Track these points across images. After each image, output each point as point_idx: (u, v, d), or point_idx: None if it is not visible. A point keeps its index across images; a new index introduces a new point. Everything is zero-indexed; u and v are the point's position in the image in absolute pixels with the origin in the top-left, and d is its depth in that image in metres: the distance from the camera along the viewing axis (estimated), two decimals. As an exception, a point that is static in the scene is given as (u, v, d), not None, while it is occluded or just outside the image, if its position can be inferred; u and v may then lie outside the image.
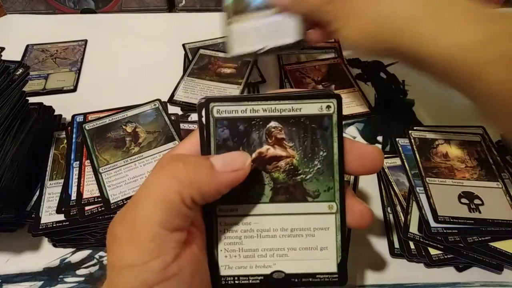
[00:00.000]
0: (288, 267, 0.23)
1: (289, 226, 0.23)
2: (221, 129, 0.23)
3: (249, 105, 0.23)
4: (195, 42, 0.57)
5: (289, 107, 0.23)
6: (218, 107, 0.23)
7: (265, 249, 0.23)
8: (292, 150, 0.23)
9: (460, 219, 0.35)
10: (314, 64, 0.53)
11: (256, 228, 0.23)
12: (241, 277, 0.23)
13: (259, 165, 0.23)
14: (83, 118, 0.43)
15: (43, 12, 0.63)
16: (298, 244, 0.23)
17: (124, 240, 0.19)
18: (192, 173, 0.20)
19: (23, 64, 0.39)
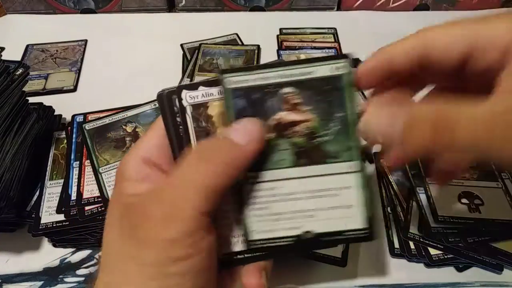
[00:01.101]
0: (316, 227, 0.23)
1: (313, 187, 0.23)
2: (238, 99, 0.23)
3: (260, 74, 0.23)
4: (193, 42, 0.57)
5: (300, 71, 0.23)
6: (232, 78, 0.23)
7: (292, 212, 0.23)
8: (308, 113, 0.23)
9: (460, 219, 0.35)
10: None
11: (281, 192, 0.23)
12: (271, 240, 0.23)
13: (278, 131, 0.23)
14: (83, 118, 0.43)
15: (43, 12, 0.63)
16: (323, 204, 0.23)
17: (160, 218, 0.20)
18: (227, 158, 0.21)
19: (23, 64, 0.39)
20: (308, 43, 0.57)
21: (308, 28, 0.60)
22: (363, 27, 0.61)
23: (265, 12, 0.64)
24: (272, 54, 0.56)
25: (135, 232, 0.20)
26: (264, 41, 0.57)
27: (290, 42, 0.58)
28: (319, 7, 0.64)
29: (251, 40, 0.58)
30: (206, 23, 0.62)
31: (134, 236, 0.20)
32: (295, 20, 0.62)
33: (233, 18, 0.63)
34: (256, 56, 0.54)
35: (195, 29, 0.60)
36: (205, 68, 0.52)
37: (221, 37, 0.58)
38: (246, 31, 0.59)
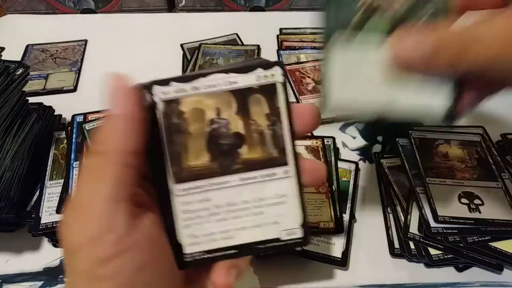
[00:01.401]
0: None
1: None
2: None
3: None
4: (193, 42, 0.57)
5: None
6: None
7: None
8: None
9: (460, 219, 0.35)
10: (314, 64, 0.53)
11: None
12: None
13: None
14: (83, 118, 0.43)
15: (43, 12, 0.63)
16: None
17: (73, 222, 0.19)
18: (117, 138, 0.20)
19: (23, 64, 0.39)
20: (308, 43, 0.57)
21: (308, 28, 0.60)
22: (363, 27, 0.61)
23: (265, 12, 0.64)
24: (272, 54, 0.56)
25: (63, 245, 0.20)
26: (264, 41, 0.57)
27: (290, 42, 0.58)
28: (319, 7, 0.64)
29: (251, 40, 0.58)
30: (206, 23, 0.62)
31: (64, 248, 0.20)
32: (295, 20, 0.62)
33: (233, 18, 0.63)
34: (256, 56, 0.54)
35: (195, 29, 0.60)
36: (205, 68, 0.52)
37: (221, 37, 0.58)
38: (246, 31, 0.59)
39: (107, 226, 0.19)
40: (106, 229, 0.19)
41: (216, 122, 0.23)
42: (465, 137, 0.42)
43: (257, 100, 0.23)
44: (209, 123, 0.23)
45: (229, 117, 0.23)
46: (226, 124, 0.23)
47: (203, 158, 0.23)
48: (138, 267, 0.19)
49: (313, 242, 0.36)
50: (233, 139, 0.23)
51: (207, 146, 0.23)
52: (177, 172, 0.23)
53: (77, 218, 0.19)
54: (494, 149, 0.41)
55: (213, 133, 0.23)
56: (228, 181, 0.23)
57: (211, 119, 0.23)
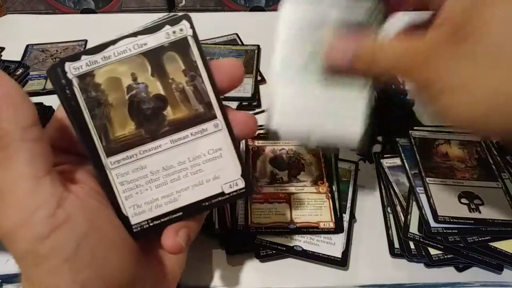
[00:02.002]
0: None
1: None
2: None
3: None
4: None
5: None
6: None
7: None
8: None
9: (460, 219, 0.35)
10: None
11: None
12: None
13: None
14: (83, 118, 0.43)
15: (43, 12, 0.63)
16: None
17: (1, 208, 0.19)
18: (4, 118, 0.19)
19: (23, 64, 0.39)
20: (308, 43, 0.57)
21: (308, 28, 0.60)
22: (363, 27, 0.61)
23: (265, 12, 0.64)
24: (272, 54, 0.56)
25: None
26: (264, 41, 0.57)
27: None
28: (319, 7, 0.64)
29: (251, 40, 0.58)
30: (206, 23, 0.61)
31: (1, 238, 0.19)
32: (295, 20, 0.62)
33: (233, 18, 0.63)
34: (256, 56, 0.54)
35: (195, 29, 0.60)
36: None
37: (221, 37, 0.58)
38: (246, 31, 0.59)
39: (34, 203, 0.18)
40: (34, 207, 0.18)
41: (134, 88, 0.23)
42: (465, 137, 0.42)
43: (171, 57, 0.23)
44: (127, 90, 0.23)
45: (146, 81, 0.23)
46: (144, 88, 0.23)
47: (128, 127, 0.23)
48: (79, 238, 0.19)
49: (313, 242, 0.36)
50: (155, 102, 0.23)
51: (130, 114, 0.23)
52: (106, 145, 0.22)
53: (2, 204, 0.18)
54: (494, 149, 0.41)
55: (133, 99, 0.23)
56: (159, 145, 0.23)
57: (128, 85, 0.23)
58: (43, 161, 0.19)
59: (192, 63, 0.23)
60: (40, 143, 0.19)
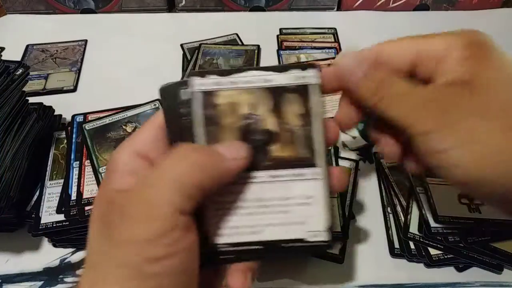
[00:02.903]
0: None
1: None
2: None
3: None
4: (193, 42, 0.58)
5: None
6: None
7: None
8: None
9: (460, 219, 0.35)
10: (314, 64, 0.53)
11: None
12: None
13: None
14: (83, 118, 0.43)
15: (43, 12, 0.63)
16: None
17: (137, 217, 0.19)
18: (207, 161, 0.21)
19: (23, 64, 0.39)
20: (308, 43, 0.57)
21: (308, 28, 0.60)
22: (363, 27, 0.61)
23: (265, 12, 0.64)
24: (272, 54, 0.56)
25: (112, 232, 0.20)
26: (264, 41, 0.57)
27: (290, 42, 0.58)
28: (319, 7, 0.64)
29: (251, 40, 0.58)
30: (206, 23, 0.62)
31: (112, 236, 0.20)
32: (295, 20, 0.62)
33: (233, 18, 0.63)
34: (256, 56, 0.54)
35: (195, 29, 0.60)
36: (205, 68, 0.52)
37: (221, 37, 0.58)
38: (246, 31, 0.59)
39: (167, 229, 0.19)
40: (165, 232, 0.19)
41: (250, 118, 0.23)
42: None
43: (290, 99, 0.23)
44: (242, 117, 0.23)
45: (262, 114, 0.23)
46: (259, 120, 0.23)
47: None
48: (179, 271, 0.20)
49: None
50: (265, 136, 0.23)
51: (240, 140, 0.23)
52: None
53: (144, 214, 0.19)
54: (494, 149, 0.41)
55: (245, 127, 0.23)
56: (257, 177, 0.23)
57: (245, 114, 0.23)
58: (192, 205, 0.20)
59: (309, 110, 0.23)
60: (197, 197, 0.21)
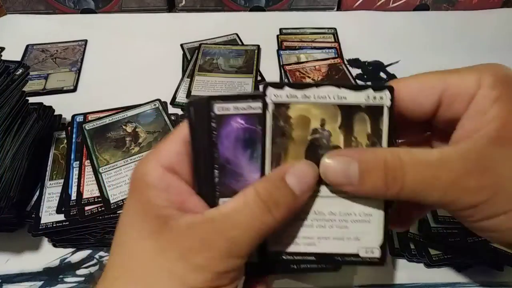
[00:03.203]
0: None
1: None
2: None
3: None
4: (193, 42, 0.57)
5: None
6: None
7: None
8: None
9: (460, 219, 0.35)
10: (314, 64, 0.53)
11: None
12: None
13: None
14: (83, 118, 0.43)
15: (43, 12, 0.63)
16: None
17: (222, 251, 0.20)
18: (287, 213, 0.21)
19: (23, 64, 0.39)
20: (308, 43, 0.57)
21: (308, 28, 0.60)
22: (363, 27, 0.61)
23: (265, 12, 0.64)
24: (272, 54, 0.56)
25: (186, 255, 0.20)
26: (264, 41, 0.57)
27: (290, 42, 0.58)
28: (319, 7, 0.64)
29: (251, 40, 0.58)
30: (206, 23, 0.62)
31: (185, 257, 0.20)
32: (295, 20, 0.62)
33: (233, 18, 0.63)
34: (256, 56, 0.54)
35: (195, 29, 0.60)
36: (205, 68, 0.52)
37: (221, 37, 0.58)
38: (246, 31, 0.59)
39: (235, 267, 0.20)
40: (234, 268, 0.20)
41: (319, 132, 0.23)
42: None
43: (362, 118, 0.23)
44: (312, 132, 0.23)
45: (332, 130, 0.23)
46: (328, 136, 0.23)
47: None
48: None
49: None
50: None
51: (306, 154, 0.23)
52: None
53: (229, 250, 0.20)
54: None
55: (314, 142, 0.23)
56: (320, 190, 0.23)
57: (314, 128, 0.23)
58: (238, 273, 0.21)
59: (379, 131, 0.23)
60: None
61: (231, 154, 0.24)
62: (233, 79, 0.51)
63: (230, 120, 0.23)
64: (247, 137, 0.23)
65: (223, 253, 0.20)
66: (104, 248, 0.37)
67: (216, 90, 0.49)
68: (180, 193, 0.22)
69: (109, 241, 0.36)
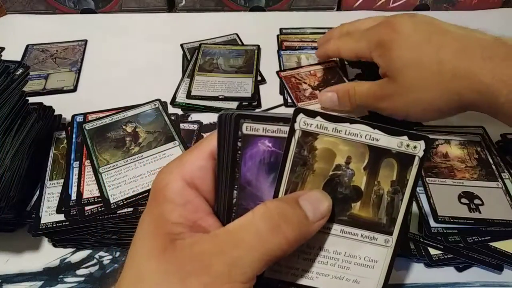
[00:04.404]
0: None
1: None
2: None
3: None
4: (193, 42, 0.57)
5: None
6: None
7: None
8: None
9: (460, 219, 0.35)
10: (310, 69, 0.53)
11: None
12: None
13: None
14: (83, 118, 0.43)
15: (43, 12, 0.63)
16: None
17: (222, 275, 0.19)
18: (298, 235, 0.20)
19: (23, 64, 0.39)
20: (309, 43, 0.57)
21: (308, 28, 0.60)
22: (363, 27, 0.61)
23: (265, 12, 0.64)
24: (272, 54, 0.56)
25: (187, 280, 0.19)
26: (264, 41, 0.57)
27: (290, 42, 0.58)
28: (319, 7, 0.64)
29: (251, 40, 0.58)
30: (206, 23, 0.62)
31: (184, 282, 0.19)
32: (295, 20, 0.62)
33: (233, 18, 0.63)
34: (256, 56, 0.54)
35: (195, 29, 0.60)
36: (205, 68, 0.52)
37: (221, 37, 0.58)
38: (246, 31, 0.59)
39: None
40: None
41: (342, 169, 0.23)
42: (465, 137, 0.42)
43: (389, 164, 0.23)
44: (334, 168, 0.23)
45: (356, 170, 0.23)
46: (350, 175, 0.23)
47: None
48: None
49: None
50: (351, 192, 0.23)
51: (324, 188, 0.23)
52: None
53: (229, 274, 0.19)
54: (494, 149, 0.41)
55: (334, 178, 0.23)
56: (329, 228, 0.23)
57: (338, 164, 0.23)
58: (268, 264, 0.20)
59: (404, 180, 0.23)
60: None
61: (253, 176, 0.23)
62: (233, 79, 0.51)
63: (258, 141, 0.22)
64: (273, 161, 0.23)
65: (224, 277, 0.19)
66: (104, 248, 0.37)
67: (216, 90, 0.49)
68: (197, 210, 0.22)
69: (109, 241, 0.36)
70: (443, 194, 0.37)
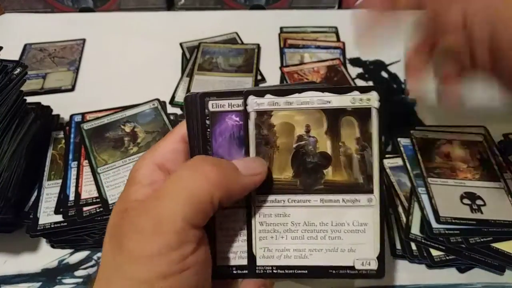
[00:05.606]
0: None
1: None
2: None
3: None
4: (192, 40, 0.57)
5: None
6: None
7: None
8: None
9: (462, 220, 0.35)
10: (313, 66, 0.52)
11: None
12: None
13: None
14: (81, 118, 0.43)
15: (41, 11, 0.63)
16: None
17: (147, 230, 0.19)
18: (222, 175, 0.20)
19: (21, 63, 0.39)
20: (312, 41, 0.57)
21: (309, 27, 0.60)
22: (364, 25, 0.60)
23: (265, 10, 0.64)
24: (272, 53, 0.55)
25: (123, 244, 0.20)
26: (264, 39, 0.57)
27: (294, 40, 0.57)
28: (319, 5, 0.64)
29: (251, 39, 0.57)
30: (205, 21, 0.61)
31: (123, 248, 0.20)
32: (295, 18, 0.62)
33: (233, 17, 0.62)
34: (256, 55, 0.54)
35: (195, 27, 0.60)
36: (205, 67, 0.52)
37: (220, 36, 0.58)
38: (245, 29, 0.59)
39: (178, 245, 0.19)
40: (176, 247, 0.19)
41: (304, 139, 0.23)
42: (467, 137, 0.41)
43: (349, 122, 0.23)
44: (297, 139, 0.23)
45: (318, 136, 0.23)
46: (314, 142, 0.23)
47: (285, 173, 0.23)
48: (192, 285, 0.20)
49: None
50: (319, 159, 0.23)
51: (292, 162, 0.23)
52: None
53: (154, 229, 0.19)
54: (497, 149, 0.41)
55: (299, 149, 0.23)
56: (309, 200, 0.23)
57: (299, 135, 0.23)
58: (204, 219, 0.20)
59: (368, 134, 0.23)
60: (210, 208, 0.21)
61: (225, 152, 0.23)
62: (233, 78, 0.50)
63: (225, 117, 0.23)
64: (242, 134, 0.23)
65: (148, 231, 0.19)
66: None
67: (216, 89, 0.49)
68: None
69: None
70: (445, 195, 0.36)
